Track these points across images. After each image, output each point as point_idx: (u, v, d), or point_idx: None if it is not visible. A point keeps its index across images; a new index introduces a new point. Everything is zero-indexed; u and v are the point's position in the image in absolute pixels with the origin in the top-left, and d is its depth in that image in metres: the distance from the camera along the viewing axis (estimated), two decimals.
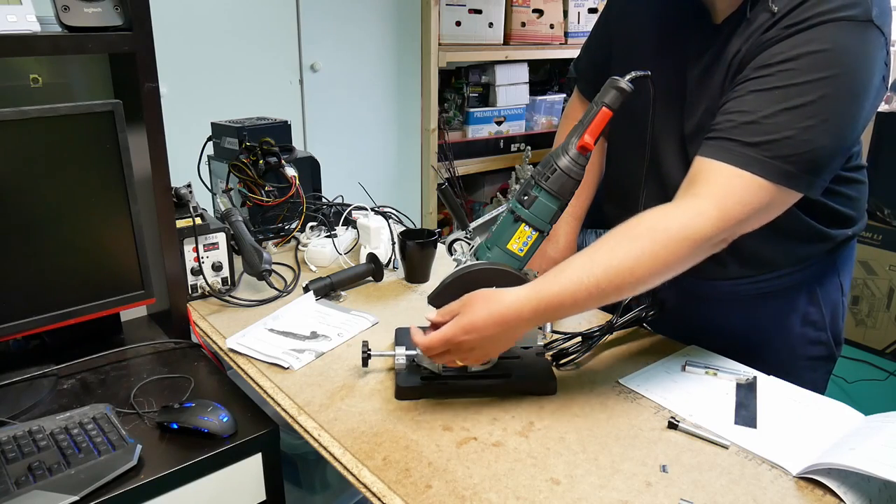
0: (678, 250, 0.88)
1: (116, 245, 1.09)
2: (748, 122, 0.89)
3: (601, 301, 0.90)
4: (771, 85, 0.89)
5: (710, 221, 0.88)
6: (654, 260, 0.88)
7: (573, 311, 0.91)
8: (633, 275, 0.88)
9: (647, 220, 0.91)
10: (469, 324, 0.89)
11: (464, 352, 0.91)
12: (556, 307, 0.89)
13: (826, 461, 0.79)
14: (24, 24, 0.98)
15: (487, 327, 0.89)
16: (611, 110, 0.89)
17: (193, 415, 0.95)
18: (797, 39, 0.88)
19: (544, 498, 0.78)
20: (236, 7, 2.25)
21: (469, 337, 0.89)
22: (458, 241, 1.02)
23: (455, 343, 0.90)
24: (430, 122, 2.77)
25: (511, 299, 0.89)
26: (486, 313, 0.89)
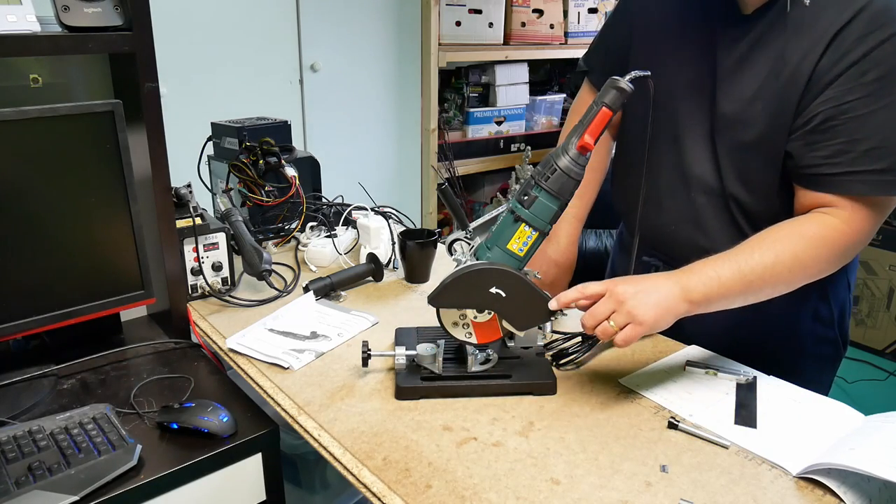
0: (817, 254, 0.94)
1: (116, 245, 1.09)
2: (870, 148, 0.92)
3: (748, 295, 0.95)
4: (875, 106, 0.91)
5: (845, 236, 0.95)
6: (794, 260, 0.94)
7: (723, 301, 0.95)
8: (775, 272, 0.93)
9: (785, 227, 0.97)
10: (628, 278, 0.94)
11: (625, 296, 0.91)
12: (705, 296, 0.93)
13: (826, 461, 0.79)
14: (24, 24, 0.98)
15: (645, 280, 0.93)
16: (611, 110, 0.90)
17: (193, 415, 0.95)
18: (879, 55, 0.90)
19: (544, 498, 0.78)
20: (236, 7, 2.25)
21: (626, 285, 0.92)
22: (458, 241, 1.02)
23: (609, 282, 0.92)
24: (430, 122, 2.77)
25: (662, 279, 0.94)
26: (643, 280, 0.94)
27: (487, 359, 1.02)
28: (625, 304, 0.90)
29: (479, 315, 0.97)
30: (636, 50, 1.18)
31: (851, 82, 0.92)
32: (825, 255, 0.95)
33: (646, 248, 1.22)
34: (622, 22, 1.23)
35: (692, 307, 0.93)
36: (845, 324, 1.20)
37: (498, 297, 0.94)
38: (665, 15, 1.13)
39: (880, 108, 0.91)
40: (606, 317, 0.91)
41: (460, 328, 0.98)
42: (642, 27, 1.18)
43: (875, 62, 0.90)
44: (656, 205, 1.16)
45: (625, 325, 0.90)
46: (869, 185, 0.93)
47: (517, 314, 0.96)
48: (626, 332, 0.90)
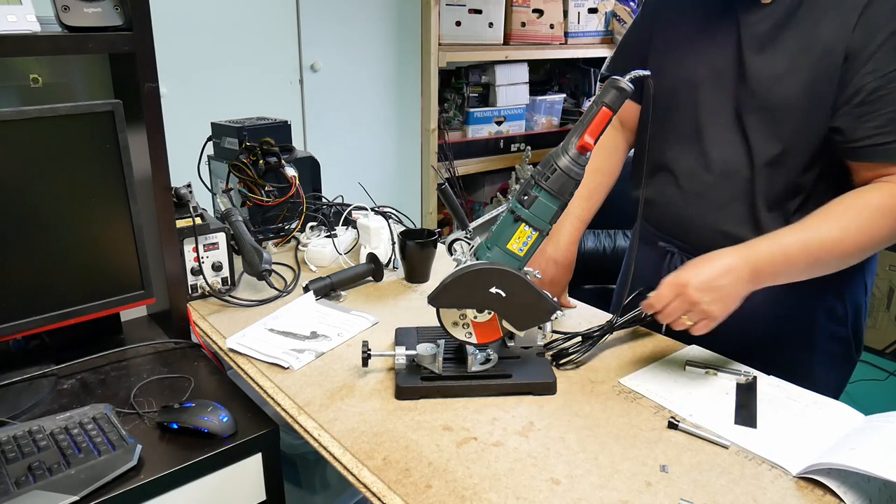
0: (883, 223, 0.96)
1: (116, 245, 1.09)
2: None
3: (813, 268, 0.97)
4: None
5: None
6: (859, 232, 0.95)
7: (785, 273, 0.97)
8: (841, 245, 0.95)
9: (849, 199, 0.98)
10: (690, 268, 0.95)
11: (693, 298, 0.93)
12: (772, 270, 0.95)
13: (826, 461, 0.79)
14: (24, 24, 0.98)
15: (713, 270, 0.94)
16: (611, 110, 0.90)
17: (193, 415, 0.95)
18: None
19: (544, 498, 0.78)
20: (236, 7, 2.25)
21: (695, 279, 0.93)
22: (458, 241, 1.02)
23: (682, 285, 0.94)
24: (430, 122, 2.77)
25: (728, 259, 0.95)
26: (706, 261, 0.95)
27: (487, 359, 1.02)
28: (698, 304, 0.93)
29: (479, 315, 0.97)
30: (656, 48, 1.20)
31: (893, 52, 0.95)
32: (891, 224, 0.96)
33: (663, 234, 1.23)
34: (643, 27, 1.26)
35: (758, 286, 0.96)
36: (860, 325, 1.20)
37: (498, 297, 0.94)
38: (684, 11, 1.16)
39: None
40: (680, 316, 0.95)
41: (460, 328, 0.98)
42: (662, 26, 1.20)
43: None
44: (676, 191, 1.17)
45: (699, 321, 0.95)
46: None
47: (517, 314, 0.96)
48: (700, 326, 0.95)
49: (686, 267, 0.97)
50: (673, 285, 0.95)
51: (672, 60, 1.16)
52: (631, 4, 3.26)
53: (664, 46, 1.19)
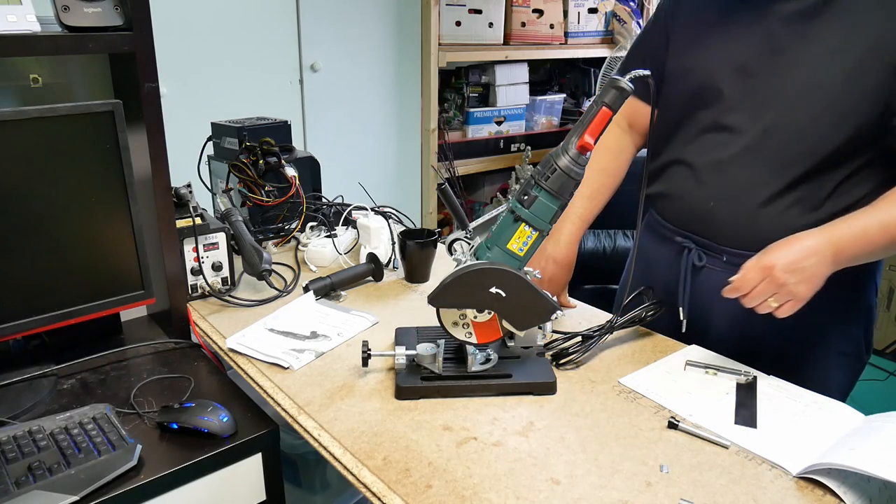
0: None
1: (116, 245, 1.09)
2: None
3: (888, 248, 0.99)
4: None
5: None
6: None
7: (865, 253, 0.98)
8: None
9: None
10: (775, 250, 0.95)
11: (780, 280, 0.93)
12: (852, 251, 0.96)
13: (826, 461, 0.79)
14: (24, 24, 0.98)
15: (798, 251, 0.95)
16: (611, 110, 0.90)
17: (193, 415, 0.95)
18: None
19: (544, 498, 0.78)
20: (236, 7, 2.25)
21: (781, 260, 0.94)
22: (458, 241, 1.02)
23: (769, 267, 0.94)
24: (430, 122, 2.77)
25: (809, 241, 0.96)
26: (790, 243, 0.96)
27: (487, 358, 1.02)
28: (786, 286, 0.94)
29: (479, 315, 0.97)
30: (675, 49, 1.20)
31: None
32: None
33: (681, 229, 1.21)
34: (658, 30, 1.25)
35: (839, 267, 0.97)
36: (871, 326, 1.21)
37: (498, 296, 0.94)
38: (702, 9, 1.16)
39: None
40: (766, 298, 0.95)
41: (460, 328, 0.98)
42: (679, 27, 1.20)
43: None
44: (695, 185, 1.16)
45: (785, 303, 0.95)
46: None
47: (517, 314, 0.96)
48: (786, 308, 0.96)
49: (769, 250, 0.97)
50: (760, 268, 0.95)
51: (695, 59, 1.15)
52: (631, 4, 3.26)
53: (684, 46, 1.18)
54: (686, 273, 1.18)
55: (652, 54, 1.24)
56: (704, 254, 1.17)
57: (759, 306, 0.97)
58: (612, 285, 2.33)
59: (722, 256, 1.15)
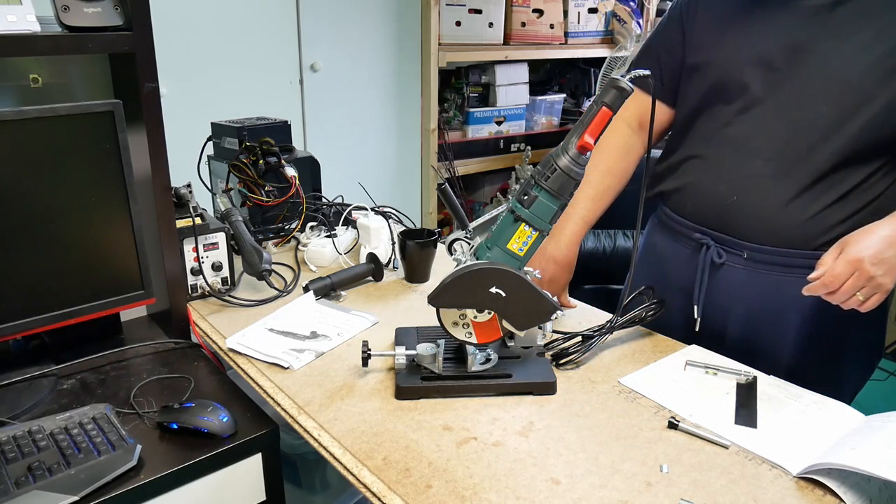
0: None
1: (116, 245, 1.09)
2: None
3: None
4: None
5: None
6: None
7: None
8: None
9: None
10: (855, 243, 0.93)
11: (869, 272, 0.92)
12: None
13: (826, 461, 0.79)
14: (24, 24, 0.98)
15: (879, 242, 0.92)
16: (611, 110, 0.89)
17: (193, 415, 0.95)
18: None
19: (544, 498, 0.78)
20: (236, 7, 2.25)
21: (867, 252, 0.92)
22: (458, 240, 1.02)
23: (858, 260, 0.92)
24: (430, 122, 2.77)
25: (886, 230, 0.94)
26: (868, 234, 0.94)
27: (487, 358, 1.02)
28: (874, 279, 0.92)
29: (479, 315, 0.97)
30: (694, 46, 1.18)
31: None
32: None
33: (697, 224, 1.20)
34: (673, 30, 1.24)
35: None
36: (884, 328, 1.20)
37: (498, 296, 0.94)
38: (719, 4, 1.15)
39: None
40: (855, 293, 0.93)
41: (460, 328, 0.98)
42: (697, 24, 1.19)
43: None
44: (716, 179, 1.15)
45: (872, 296, 0.93)
46: None
47: (517, 314, 0.96)
48: (872, 300, 0.94)
49: (849, 242, 0.94)
50: (848, 262, 0.92)
51: (716, 53, 1.14)
52: (631, 4, 3.26)
53: (704, 41, 1.17)
54: (704, 270, 1.17)
55: (667, 51, 1.23)
56: (724, 250, 1.15)
57: (847, 301, 0.94)
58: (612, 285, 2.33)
59: (743, 253, 1.13)
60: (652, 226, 1.37)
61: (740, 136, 1.12)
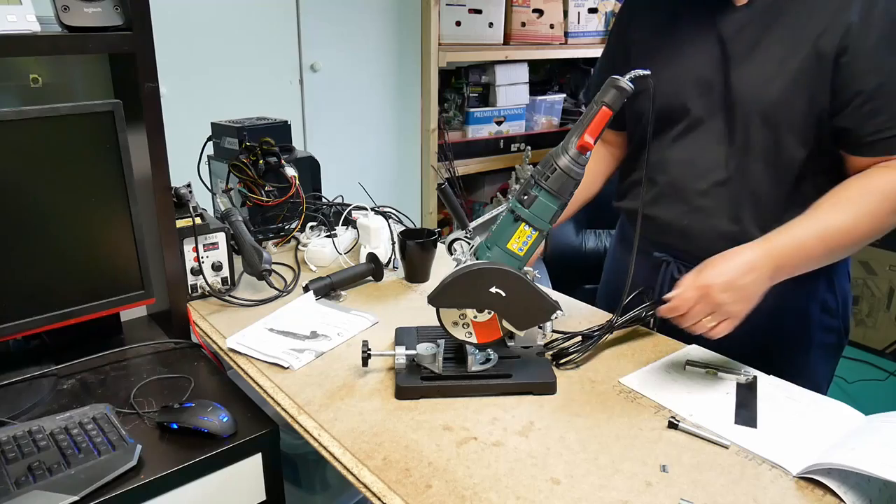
0: (888, 207, 0.96)
1: (116, 245, 1.09)
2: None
3: (827, 256, 0.98)
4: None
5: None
6: (872, 218, 0.96)
7: (803, 265, 0.98)
8: (855, 231, 0.95)
9: (855, 185, 0.98)
10: (711, 267, 0.93)
11: (717, 299, 0.92)
12: (791, 263, 0.95)
13: (826, 461, 0.79)
14: (24, 24, 0.98)
15: (735, 268, 0.93)
16: (611, 110, 0.90)
17: (193, 415, 0.95)
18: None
19: (544, 498, 0.78)
20: (236, 7, 2.25)
21: (718, 279, 0.92)
22: (458, 240, 1.02)
23: (706, 286, 0.92)
24: (430, 122, 2.77)
25: (748, 255, 0.94)
26: (728, 259, 0.94)
27: (487, 358, 1.02)
28: (722, 306, 0.92)
29: (479, 315, 0.97)
30: (634, 60, 1.19)
31: (889, 46, 0.95)
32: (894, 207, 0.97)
33: (656, 243, 1.22)
34: (617, 48, 1.26)
35: (778, 280, 0.96)
36: (848, 314, 1.22)
37: (498, 296, 0.94)
38: (656, 23, 1.16)
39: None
40: (702, 318, 0.93)
41: (460, 328, 0.98)
42: (637, 44, 1.20)
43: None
44: (670, 202, 1.16)
45: (721, 322, 0.93)
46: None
47: (517, 314, 0.96)
48: (722, 327, 0.94)
49: (706, 267, 0.95)
50: (696, 287, 0.93)
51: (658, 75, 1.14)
52: None
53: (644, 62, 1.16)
54: (664, 285, 1.18)
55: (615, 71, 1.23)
56: (684, 266, 1.16)
57: (694, 326, 0.95)
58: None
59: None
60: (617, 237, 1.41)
61: (686, 158, 1.13)
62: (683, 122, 1.13)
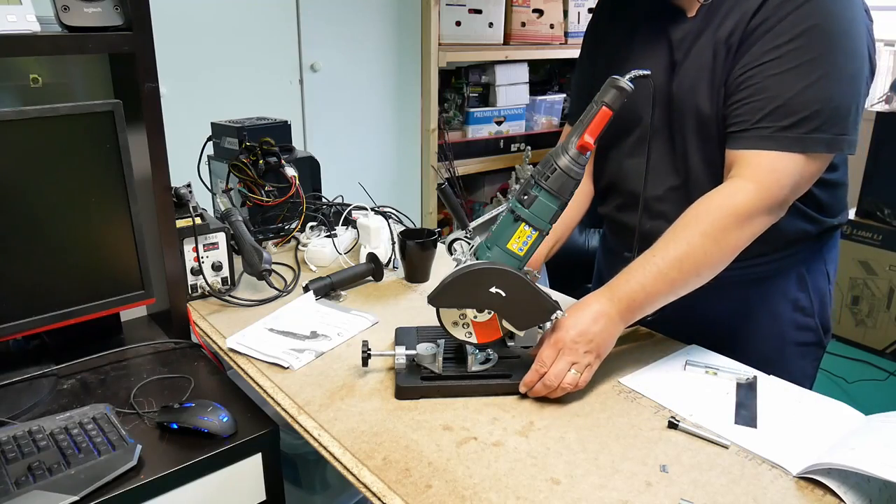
0: (725, 227, 0.95)
1: (116, 245, 1.09)
2: (777, 106, 0.95)
3: (676, 289, 0.97)
4: (785, 67, 0.95)
5: (750, 195, 0.95)
6: (704, 239, 0.95)
7: (651, 300, 0.97)
8: (691, 258, 0.95)
9: (693, 210, 0.98)
10: (567, 322, 0.95)
11: (576, 349, 0.94)
12: (637, 305, 0.96)
13: (826, 461, 0.79)
14: (24, 24, 0.98)
15: (583, 319, 0.95)
16: (611, 109, 0.90)
17: (193, 415, 0.95)
18: (795, 19, 0.94)
19: (544, 498, 0.78)
20: (236, 7, 2.25)
21: (570, 332, 0.94)
22: (458, 240, 1.02)
23: (559, 340, 0.94)
24: (430, 122, 2.77)
25: (595, 306, 0.96)
26: (576, 313, 0.96)
27: (487, 358, 1.02)
28: (578, 354, 0.94)
29: (479, 315, 0.97)
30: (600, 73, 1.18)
31: (767, 45, 0.96)
32: (733, 222, 0.95)
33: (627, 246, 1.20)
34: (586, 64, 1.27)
35: (631, 321, 0.98)
36: (826, 313, 1.22)
37: (498, 296, 0.94)
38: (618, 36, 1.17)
39: (790, 70, 0.95)
40: (566, 372, 0.95)
41: (460, 328, 0.98)
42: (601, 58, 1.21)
43: (790, 25, 0.94)
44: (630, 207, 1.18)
45: (583, 372, 0.95)
46: (771, 140, 0.96)
47: (517, 314, 0.96)
48: (584, 376, 0.96)
49: (557, 327, 0.96)
50: (551, 344, 0.95)
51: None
52: None
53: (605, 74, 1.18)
54: None
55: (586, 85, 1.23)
56: None
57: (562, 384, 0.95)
58: None
59: None
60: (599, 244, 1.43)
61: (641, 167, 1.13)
62: (637, 132, 1.14)
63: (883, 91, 2.39)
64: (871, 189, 2.18)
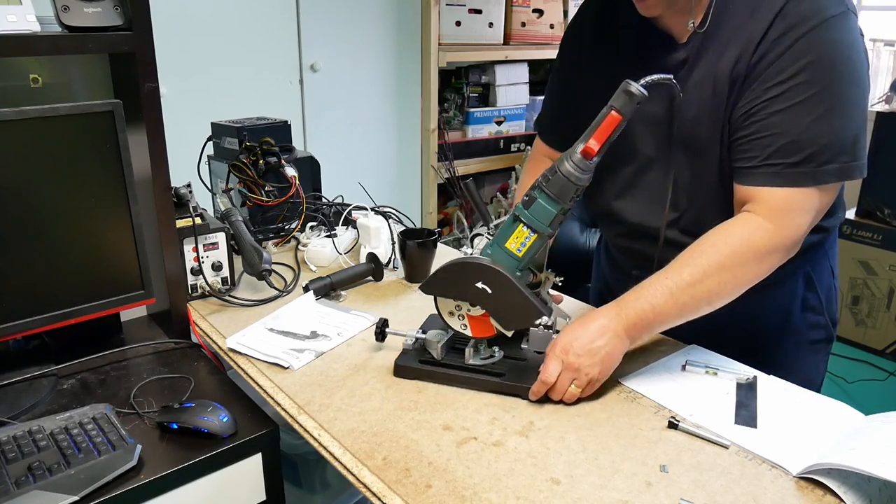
0: (743, 262, 0.95)
1: (116, 245, 1.09)
2: (785, 143, 0.94)
3: (685, 314, 0.97)
4: (790, 102, 0.94)
5: (770, 235, 0.96)
6: (721, 270, 0.94)
7: (659, 321, 0.97)
8: (705, 286, 0.94)
9: (710, 238, 0.98)
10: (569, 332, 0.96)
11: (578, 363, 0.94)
12: (645, 324, 0.96)
13: (826, 461, 0.79)
14: (24, 24, 0.98)
15: (589, 333, 0.95)
16: (620, 115, 0.88)
17: (193, 415, 0.95)
18: (797, 52, 0.93)
19: (544, 498, 0.78)
20: (236, 7, 2.25)
21: (574, 344, 0.94)
22: (480, 236, 1.03)
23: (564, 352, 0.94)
24: (430, 122, 2.77)
25: (602, 320, 0.96)
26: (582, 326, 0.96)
27: (491, 355, 1.02)
28: (580, 370, 0.94)
29: (473, 309, 0.98)
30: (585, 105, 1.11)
31: (771, 80, 0.95)
32: (751, 257, 0.96)
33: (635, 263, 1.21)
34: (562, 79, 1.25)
35: (636, 340, 0.98)
36: (833, 307, 1.23)
37: (484, 292, 0.95)
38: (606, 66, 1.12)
39: (795, 105, 0.94)
40: (569, 385, 0.95)
41: (456, 318, 1.00)
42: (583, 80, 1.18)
43: (792, 59, 0.93)
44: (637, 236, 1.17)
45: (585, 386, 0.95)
46: (782, 177, 0.95)
47: (503, 313, 0.96)
48: (586, 391, 0.96)
49: (563, 334, 0.97)
50: (555, 357, 0.95)
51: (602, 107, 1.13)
52: None
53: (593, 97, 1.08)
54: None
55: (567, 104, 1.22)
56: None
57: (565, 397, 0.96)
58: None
59: None
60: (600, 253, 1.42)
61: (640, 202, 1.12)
62: (634, 163, 1.12)
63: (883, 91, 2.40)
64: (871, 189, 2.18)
